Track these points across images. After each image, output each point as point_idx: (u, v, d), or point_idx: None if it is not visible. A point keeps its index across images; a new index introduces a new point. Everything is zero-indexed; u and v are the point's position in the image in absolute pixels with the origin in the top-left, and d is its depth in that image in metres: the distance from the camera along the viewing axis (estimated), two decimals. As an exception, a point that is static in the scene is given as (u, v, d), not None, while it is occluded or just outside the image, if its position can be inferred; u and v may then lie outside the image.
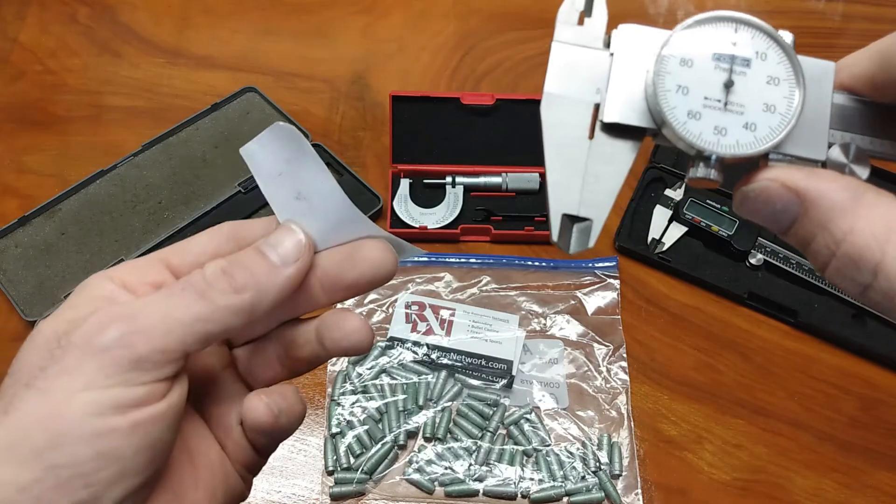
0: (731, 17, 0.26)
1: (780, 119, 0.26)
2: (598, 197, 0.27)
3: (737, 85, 0.26)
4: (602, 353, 0.63)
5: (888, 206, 0.23)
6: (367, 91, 0.80)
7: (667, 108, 0.26)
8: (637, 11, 0.89)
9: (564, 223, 0.27)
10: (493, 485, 0.56)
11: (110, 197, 0.68)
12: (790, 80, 0.26)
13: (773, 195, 0.25)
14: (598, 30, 0.28)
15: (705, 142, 0.26)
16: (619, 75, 0.27)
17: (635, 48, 0.27)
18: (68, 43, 0.82)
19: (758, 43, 0.26)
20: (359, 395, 0.59)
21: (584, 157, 0.27)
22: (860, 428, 0.60)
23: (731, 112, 0.26)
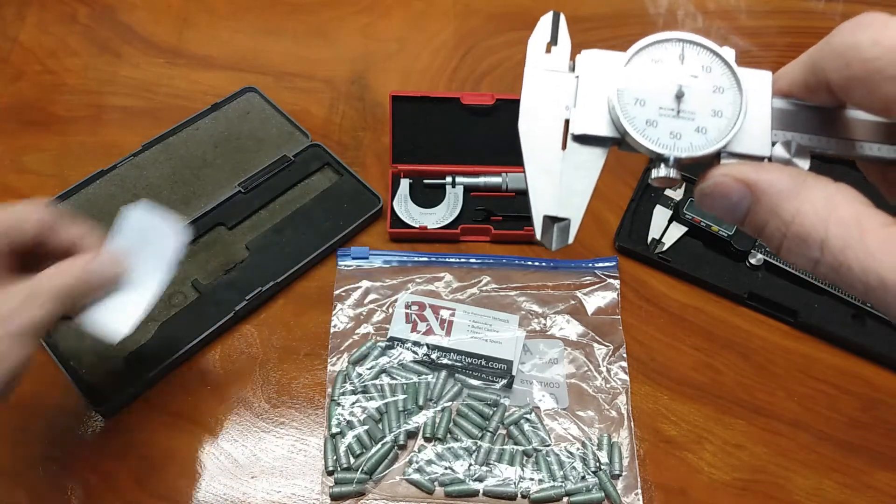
0: (678, 38, 0.31)
1: (726, 122, 0.29)
2: (573, 199, 0.31)
3: (687, 95, 0.30)
4: (602, 353, 0.63)
5: (827, 188, 0.26)
6: (367, 91, 0.80)
7: (627, 119, 0.30)
8: (637, 11, 0.89)
9: (546, 223, 0.31)
10: (493, 485, 0.56)
11: (110, 197, 0.68)
12: (733, 88, 0.30)
13: (727, 189, 0.28)
14: (564, 56, 0.33)
15: (663, 146, 0.29)
16: (585, 93, 0.31)
17: (596, 70, 0.31)
18: (68, 43, 0.82)
19: (703, 58, 0.31)
20: (359, 396, 0.59)
21: (559, 165, 0.31)
22: (860, 428, 0.60)
23: (684, 119, 0.30)
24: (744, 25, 0.88)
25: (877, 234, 0.25)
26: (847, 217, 0.25)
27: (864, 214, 0.25)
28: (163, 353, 0.60)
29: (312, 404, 0.60)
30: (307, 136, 0.73)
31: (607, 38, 0.86)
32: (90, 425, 0.58)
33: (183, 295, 0.64)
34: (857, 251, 0.25)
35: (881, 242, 0.25)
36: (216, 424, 0.59)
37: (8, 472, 0.56)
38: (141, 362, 0.60)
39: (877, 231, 0.25)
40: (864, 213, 0.26)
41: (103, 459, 0.57)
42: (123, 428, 0.58)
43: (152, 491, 0.56)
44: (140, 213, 0.49)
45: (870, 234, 0.25)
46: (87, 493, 0.55)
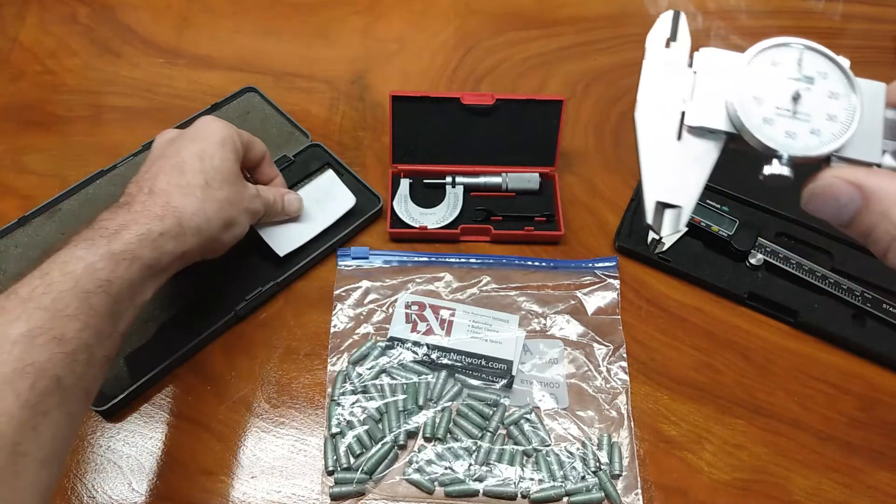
0: (798, 43, 0.32)
1: (840, 126, 0.31)
2: (686, 188, 0.32)
3: (803, 97, 0.31)
4: (602, 353, 0.63)
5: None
6: (367, 91, 0.80)
7: (745, 115, 0.31)
8: (638, 11, 0.89)
9: (657, 209, 0.32)
10: (493, 485, 0.56)
11: (110, 197, 0.68)
12: (848, 95, 0.31)
13: (838, 190, 0.29)
14: (683, 52, 0.34)
15: (779, 144, 0.30)
16: (703, 88, 0.33)
17: (715, 67, 0.33)
18: (68, 43, 0.82)
19: (819, 64, 0.32)
20: (359, 396, 0.59)
21: (673, 154, 0.32)
22: (860, 428, 0.60)
23: (799, 120, 0.31)
24: (744, 25, 0.88)
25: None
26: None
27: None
28: (163, 354, 0.60)
29: (312, 404, 0.60)
30: (307, 136, 0.73)
31: (607, 37, 0.86)
32: (90, 425, 0.58)
33: (183, 295, 0.64)
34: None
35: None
36: (216, 424, 0.59)
37: (8, 471, 0.56)
38: (141, 362, 0.60)
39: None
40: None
41: (103, 459, 0.57)
42: (124, 428, 0.58)
43: (152, 491, 0.56)
44: (329, 176, 0.70)
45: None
46: (87, 494, 0.55)
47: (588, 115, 0.79)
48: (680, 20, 0.35)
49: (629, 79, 0.82)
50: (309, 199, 0.68)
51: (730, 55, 0.33)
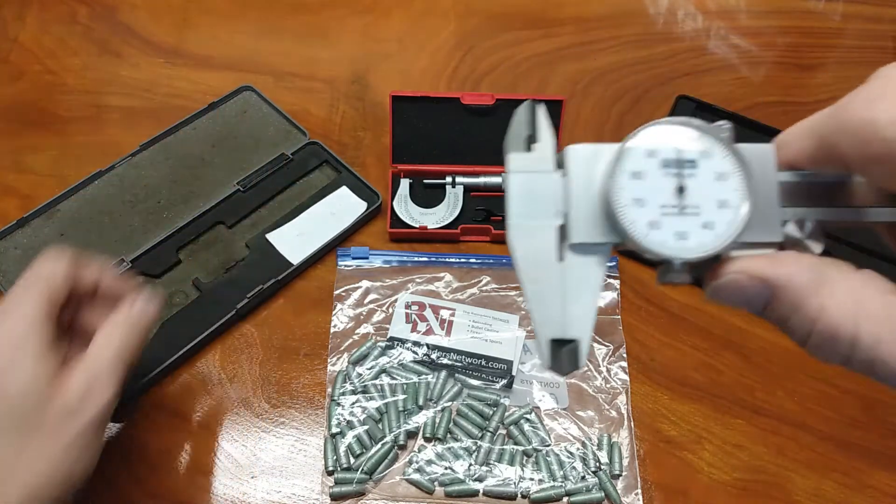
0: (671, 122, 0.28)
1: (734, 213, 0.27)
2: (580, 317, 0.28)
3: (688, 188, 0.27)
4: (602, 353, 0.63)
5: (851, 280, 0.25)
6: (366, 91, 0.80)
7: (627, 224, 0.27)
8: (638, 11, 0.89)
9: (554, 349, 0.28)
10: (493, 485, 0.56)
11: (109, 197, 0.68)
12: (737, 173, 0.27)
13: (742, 286, 0.26)
14: (548, 152, 0.29)
15: (670, 249, 0.27)
16: (577, 195, 0.28)
17: (586, 166, 0.28)
18: (68, 43, 0.82)
19: (700, 143, 0.28)
20: (359, 396, 0.59)
21: (559, 280, 0.28)
22: (860, 428, 0.60)
23: (689, 215, 0.27)
24: (744, 25, 0.88)
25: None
26: (877, 311, 0.24)
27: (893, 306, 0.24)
28: (163, 353, 0.60)
29: (312, 404, 0.60)
30: (305, 133, 0.73)
31: (607, 37, 0.86)
32: (90, 425, 0.58)
33: (184, 294, 0.64)
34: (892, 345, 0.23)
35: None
36: (216, 424, 0.59)
37: (8, 472, 0.56)
38: (142, 362, 0.60)
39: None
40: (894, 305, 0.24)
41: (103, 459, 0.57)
42: (124, 428, 0.58)
43: (152, 491, 0.56)
44: (343, 192, 0.70)
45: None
46: (87, 494, 0.55)
47: (588, 115, 0.79)
48: (539, 113, 0.30)
49: (629, 79, 0.82)
50: (324, 213, 0.68)
51: (600, 149, 0.28)
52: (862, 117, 0.24)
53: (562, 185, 0.29)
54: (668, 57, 0.84)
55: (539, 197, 0.29)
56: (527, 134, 0.30)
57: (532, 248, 0.28)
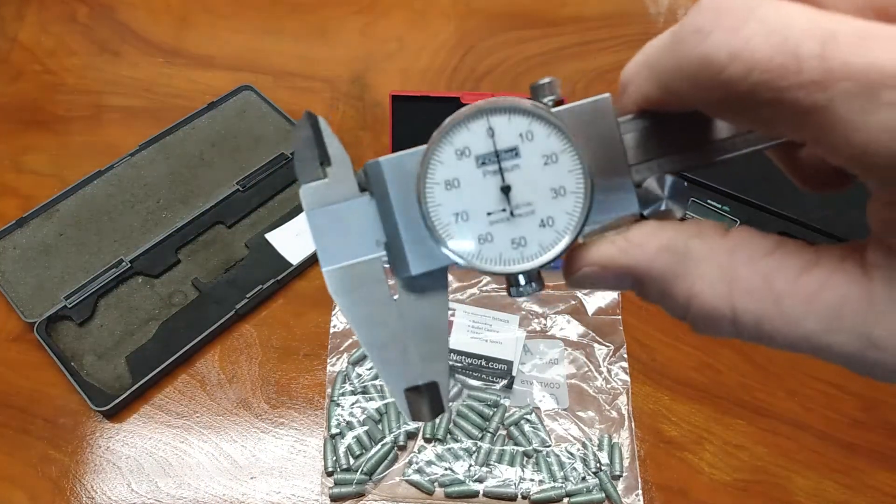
0: (477, 111, 0.23)
1: (573, 199, 0.23)
2: (432, 355, 0.25)
3: (514, 184, 0.23)
4: (602, 353, 0.62)
5: (720, 252, 0.21)
6: (366, 91, 0.79)
7: (453, 245, 0.23)
8: (638, 11, 0.88)
9: (412, 398, 0.25)
10: (494, 486, 0.55)
11: (108, 197, 0.68)
12: (567, 150, 0.23)
13: (600, 278, 0.23)
14: (347, 174, 0.24)
15: (508, 262, 0.23)
16: (391, 219, 0.23)
17: (395, 180, 0.24)
18: (67, 42, 0.82)
19: (517, 124, 0.23)
20: (358, 396, 0.59)
21: (398, 319, 0.24)
22: (861, 428, 0.60)
23: (521, 216, 0.23)
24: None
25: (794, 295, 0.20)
26: (752, 284, 0.20)
27: (771, 272, 0.20)
28: (163, 353, 0.60)
29: (312, 405, 0.60)
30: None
31: (608, 37, 0.86)
32: (90, 426, 0.58)
33: (183, 294, 0.64)
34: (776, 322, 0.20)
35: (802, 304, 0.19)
36: (216, 425, 0.59)
37: (7, 472, 0.56)
38: (142, 362, 0.60)
39: (793, 291, 0.20)
40: (774, 269, 0.20)
41: (102, 460, 0.57)
42: (124, 428, 0.58)
43: (152, 491, 0.56)
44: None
45: (786, 298, 0.20)
46: (87, 494, 0.55)
47: (588, 114, 0.79)
48: (322, 128, 0.24)
49: (629, 78, 0.82)
50: None
51: (404, 158, 0.24)
52: (696, 54, 0.19)
53: (372, 208, 0.24)
54: (668, 56, 0.84)
55: (349, 230, 0.24)
56: (316, 156, 0.24)
57: (358, 291, 0.24)
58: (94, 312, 0.63)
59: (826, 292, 0.19)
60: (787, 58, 0.17)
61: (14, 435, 0.58)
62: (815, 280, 0.19)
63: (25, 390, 0.60)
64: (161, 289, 0.64)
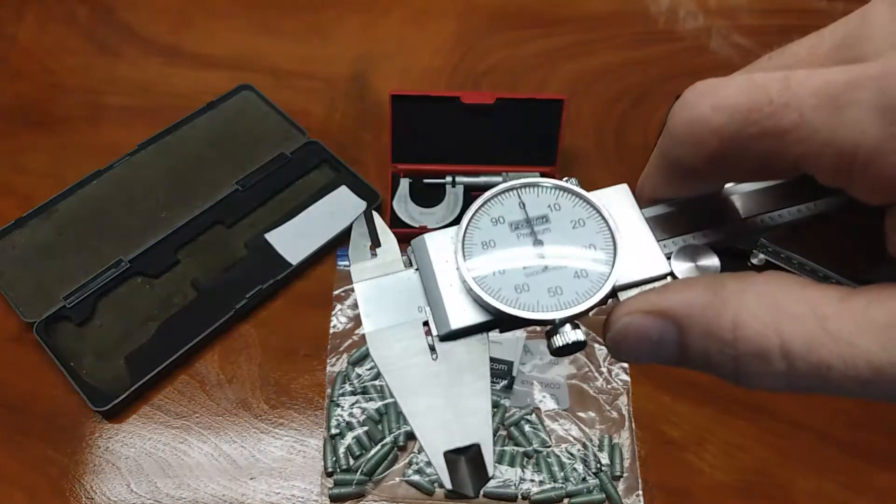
0: (508, 188, 0.26)
1: (605, 254, 0.25)
2: (474, 417, 0.24)
3: (547, 242, 0.25)
4: (603, 353, 0.62)
5: (756, 285, 0.21)
6: (366, 90, 0.79)
7: (492, 294, 0.24)
8: (638, 10, 0.88)
9: (451, 462, 0.24)
10: (494, 486, 0.55)
11: (107, 197, 0.68)
12: (593, 216, 0.25)
13: (641, 329, 0.23)
14: (394, 253, 0.27)
15: (546, 308, 0.24)
16: (435, 284, 0.25)
17: (437, 252, 0.26)
18: (67, 42, 0.82)
19: (545, 198, 0.26)
20: (358, 396, 0.59)
21: (438, 380, 0.25)
22: (862, 429, 0.60)
23: (556, 268, 0.25)
24: (745, 24, 0.87)
25: (843, 316, 0.19)
26: (798, 309, 0.20)
27: (815, 298, 0.20)
28: (163, 354, 0.60)
29: (312, 405, 0.60)
30: (304, 133, 0.73)
31: (608, 36, 0.85)
32: (90, 426, 0.58)
33: (183, 294, 0.64)
34: (831, 346, 0.19)
35: (852, 323, 0.19)
36: (215, 425, 0.58)
37: (7, 473, 0.56)
38: (141, 363, 0.60)
39: (840, 312, 0.19)
40: (816, 296, 0.20)
41: (102, 460, 0.57)
42: (123, 429, 0.58)
43: (152, 492, 0.55)
44: (342, 192, 0.69)
45: (834, 318, 0.19)
46: (86, 495, 0.55)
47: (589, 114, 0.79)
48: (375, 219, 0.28)
49: (630, 78, 0.81)
50: (322, 213, 0.68)
51: (446, 234, 0.26)
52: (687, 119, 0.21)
53: (416, 279, 0.26)
54: (669, 56, 0.84)
55: (393, 297, 0.26)
56: (368, 242, 0.27)
57: (399, 352, 0.25)
58: (94, 313, 0.62)
59: (874, 310, 0.19)
60: (759, 96, 0.20)
61: (13, 435, 0.58)
62: (861, 300, 0.19)
63: (24, 391, 0.60)
64: (160, 289, 0.64)
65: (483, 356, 0.25)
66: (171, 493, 0.55)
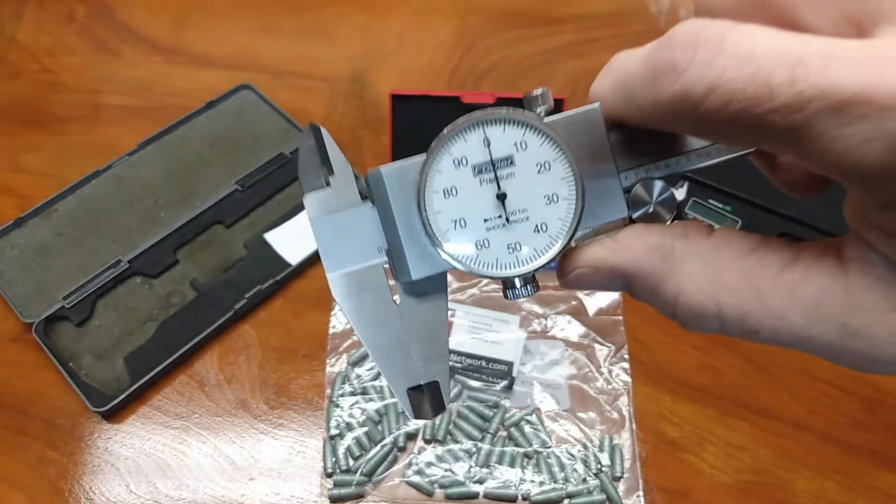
0: (473, 122, 0.24)
1: (565, 206, 0.24)
2: (433, 356, 0.26)
3: (510, 191, 0.24)
4: (603, 353, 0.62)
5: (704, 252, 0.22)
6: (366, 90, 0.79)
7: (452, 251, 0.24)
8: (639, 9, 0.88)
9: (413, 398, 0.26)
10: (494, 487, 0.55)
11: (106, 197, 0.68)
12: (559, 158, 0.24)
13: (592, 279, 0.24)
14: (349, 183, 0.26)
15: (504, 267, 0.24)
16: (392, 226, 0.25)
17: (395, 189, 0.25)
18: (66, 42, 0.82)
19: (511, 134, 0.24)
20: (358, 397, 0.59)
21: (399, 321, 0.26)
22: (863, 429, 0.60)
23: (517, 222, 0.24)
24: (746, 23, 0.87)
25: (776, 291, 0.21)
26: (736, 281, 0.22)
27: (755, 269, 0.21)
28: (162, 354, 0.60)
29: (311, 406, 0.59)
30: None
31: (609, 36, 0.85)
32: (89, 427, 0.58)
33: (182, 294, 0.64)
34: (760, 317, 0.21)
35: (784, 299, 0.21)
36: (214, 426, 0.58)
37: (6, 473, 0.56)
38: (140, 363, 0.60)
39: (775, 286, 0.21)
40: (756, 268, 0.21)
41: (101, 461, 0.57)
42: (122, 429, 0.58)
43: (151, 492, 0.55)
44: None
45: (769, 293, 0.21)
46: (85, 495, 0.55)
47: (589, 113, 0.78)
48: (324, 138, 0.26)
49: (630, 77, 0.81)
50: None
51: (404, 168, 0.25)
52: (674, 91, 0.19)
53: (374, 216, 0.25)
54: (669, 55, 0.83)
55: (352, 237, 0.25)
56: (319, 165, 0.26)
57: (361, 295, 0.25)
58: (93, 313, 0.62)
59: (806, 286, 0.21)
60: (761, 87, 0.18)
61: (12, 436, 0.58)
62: (795, 276, 0.21)
63: (23, 391, 0.60)
64: (159, 289, 0.64)
65: (441, 301, 0.26)
66: (170, 494, 0.55)
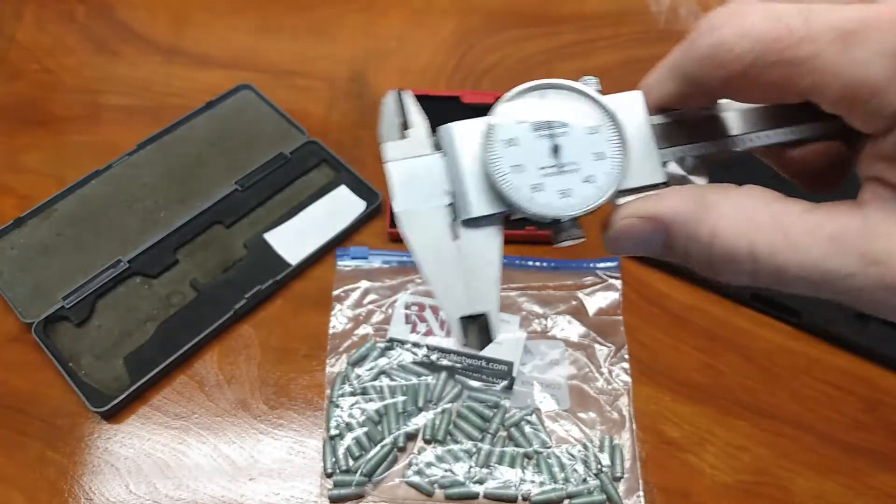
0: (536, 86, 0.29)
1: (611, 163, 0.28)
2: (483, 290, 0.28)
3: (563, 146, 0.28)
4: (603, 354, 0.62)
5: (735, 198, 0.25)
6: (366, 89, 0.79)
7: (510, 190, 0.27)
8: (639, 9, 0.88)
9: (464, 326, 0.28)
10: (494, 487, 0.55)
11: (106, 197, 0.68)
12: (607, 124, 0.28)
13: (634, 231, 0.27)
14: (423, 136, 0.30)
15: (556, 209, 0.28)
16: (459, 172, 0.28)
17: (463, 142, 0.29)
18: (65, 41, 0.82)
19: (567, 101, 0.28)
20: (358, 397, 0.59)
21: (457, 258, 0.28)
22: (863, 429, 0.60)
23: (568, 172, 0.28)
24: (746, 23, 0.87)
25: (800, 228, 0.24)
26: (766, 221, 0.24)
27: (781, 212, 0.24)
28: (161, 354, 0.60)
29: (311, 406, 0.59)
30: (303, 132, 0.73)
31: (609, 35, 0.85)
32: (88, 427, 0.58)
33: (181, 294, 0.64)
34: (788, 252, 0.24)
35: (807, 234, 0.23)
36: (214, 426, 0.58)
37: (5, 473, 0.56)
38: (140, 363, 0.60)
39: (799, 224, 0.24)
40: (781, 210, 0.24)
41: (101, 461, 0.57)
42: (122, 429, 0.58)
43: (150, 493, 0.55)
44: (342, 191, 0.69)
45: (794, 230, 0.24)
46: (85, 496, 0.55)
47: (589, 113, 0.78)
48: (407, 99, 0.30)
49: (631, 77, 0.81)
50: (322, 212, 0.68)
51: (474, 123, 0.29)
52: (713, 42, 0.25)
53: (443, 165, 0.29)
54: (669, 55, 0.83)
55: (422, 181, 0.29)
56: (399, 121, 0.30)
57: (424, 232, 0.28)
58: (92, 313, 0.62)
59: (827, 224, 0.23)
60: (781, 28, 0.23)
61: (11, 436, 0.58)
62: (817, 216, 0.24)
63: (23, 391, 0.60)
64: (159, 289, 0.64)
65: (496, 242, 0.29)
66: (169, 494, 0.55)
